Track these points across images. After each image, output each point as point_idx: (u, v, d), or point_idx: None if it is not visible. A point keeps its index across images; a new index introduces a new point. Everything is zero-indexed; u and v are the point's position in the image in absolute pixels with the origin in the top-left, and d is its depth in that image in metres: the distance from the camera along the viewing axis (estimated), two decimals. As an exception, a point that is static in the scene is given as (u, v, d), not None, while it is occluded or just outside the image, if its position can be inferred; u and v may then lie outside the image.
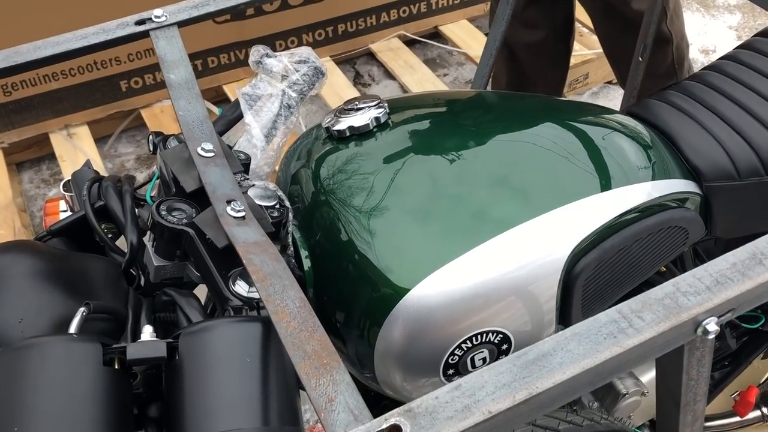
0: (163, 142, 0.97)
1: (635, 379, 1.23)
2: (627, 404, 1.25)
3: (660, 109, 1.20)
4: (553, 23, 2.07)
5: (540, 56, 2.12)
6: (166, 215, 0.83)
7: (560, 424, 1.02)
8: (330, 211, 0.95)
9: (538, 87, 2.19)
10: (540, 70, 2.17)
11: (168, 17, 1.02)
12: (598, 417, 1.06)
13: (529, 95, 1.22)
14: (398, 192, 0.94)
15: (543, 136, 1.02)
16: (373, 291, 0.89)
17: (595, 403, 1.25)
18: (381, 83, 2.91)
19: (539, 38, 2.07)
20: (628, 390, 1.22)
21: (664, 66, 2.06)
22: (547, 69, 2.18)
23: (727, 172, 1.12)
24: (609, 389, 1.23)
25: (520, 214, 0.92)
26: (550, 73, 2.21)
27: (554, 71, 2.21)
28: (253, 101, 1.11)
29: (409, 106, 1.09)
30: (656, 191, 1.03)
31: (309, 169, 1.02)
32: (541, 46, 2.09)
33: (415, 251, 0.90)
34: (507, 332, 0.91)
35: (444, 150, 0.98)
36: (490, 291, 0.88)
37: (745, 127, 1.15)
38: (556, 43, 2.13)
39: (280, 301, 0.69)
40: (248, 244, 0.75)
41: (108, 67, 2.40)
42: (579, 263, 0.95)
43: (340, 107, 1.04)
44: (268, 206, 0.88)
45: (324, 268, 0.95)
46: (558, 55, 2.16)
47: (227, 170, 0.86)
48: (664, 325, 0.64)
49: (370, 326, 0.91)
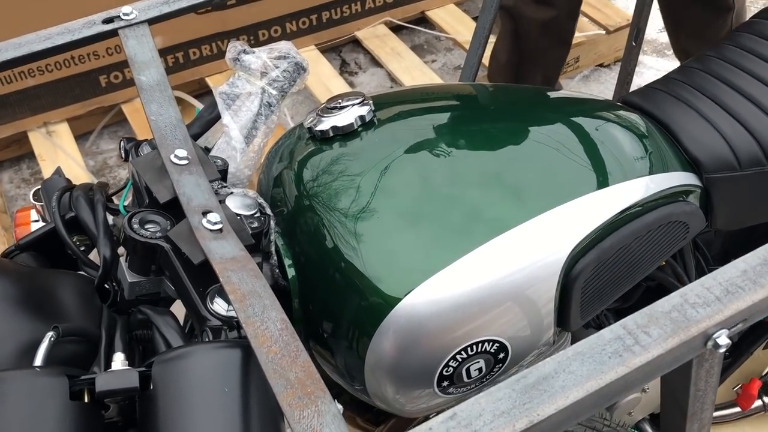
0: (135, 149, 0.91)
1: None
2: (627, 402, 1.21)
3: (657, 97, 1.15)
4: (566, 1, 2.02)
5: (547, 35, 2.07)
6: (139, 229, 0.78)
7: None
8: (314, 217, 0.90)
9: (538, 67, 2.14)
10: (544, 50, 2.12)
11: (138, 15, 0.96)
12: (600, 423, 1.02)
13: (520, 87, 1.17)
14: (386, 195, 0.89)
15: (536, 132, 0.97)
16: (362, 301, 0.85)
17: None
18: (368, 71, 2.85)
19: (550, 16, 2.02)
20: (628, 387, 1.18)
21: (722, 33, 2.01)
22: (551, 48, 2.13)
23: (728, 162, 1.07)
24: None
25: (515, 216, 0.87)
26: (554, 53, 2.16)
27: (558, 51, 2.16)
28: (231, 100, 1.06)
29: (394, 102, 1.04)
30: (655, 186, 0.98)
31: (291, 172, 0.97)
32: (551, 25, 2.04)
33: (406, 258, 0.85)
34: (503, 341, 0.86)
35: (433, 149, 0.93)
36: (485, 298, 0.84)
37: (745, 114, 1.11)
38: (566, 22, 2.07)
39: (261, 323, 0.64)
40: (225, 260, 0.71)
41: (86, 62, 2.33)
42: (577, 265, 0.90)
43: (322, 106, 0.99)
44: (248, 215, 0.83)
45: (309, 276, 0.90)
46: (565, 34, 2.11)
47: (203, 178, 0.81)
48: (672, 340, 0.59)
49: (360, 338, 0.86)
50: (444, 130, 0.96)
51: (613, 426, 1.09)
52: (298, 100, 2.71)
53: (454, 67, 2.87)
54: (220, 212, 0.77)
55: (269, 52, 1.07)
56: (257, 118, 1.05)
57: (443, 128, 0.96)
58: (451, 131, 0.96)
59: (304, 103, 2.70)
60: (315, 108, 1.00)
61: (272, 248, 0.89)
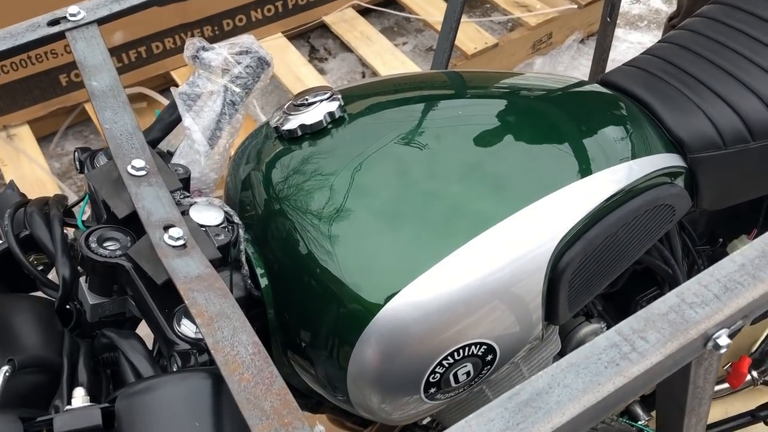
0: (90, 159, 0.85)
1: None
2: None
3: (635, 76, 1.11)
4: None
5: None
6: (97, 248, 0.73)
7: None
8: (286, 222, 0.85)
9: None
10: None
11: (86, 15, 0.89)
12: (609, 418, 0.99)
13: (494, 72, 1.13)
14: (361, 195, 0.85)
15: (514, 121, 0.93)
16: (341, 309, 0.80)
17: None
18: (338, 56, 2.79)
19: None
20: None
21: None
22: None
23: (712, 141, 1.04)
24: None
25: (498, 211, 0.83)
26: None
27: None
28: (192, 101, 1.00)
29: (364, 95, 0.99)
30: (639, 170, 0.95)
31: (260, 175, 0.92)
32: None
33: (385, 262, 0.81)
34: (491, 342, 0.82)
35: (407, 144, 0.88)
36: (470, 300, 0.80)
37: (727, 90, 1.07)
38: None
39: (231, 348, 0.59)
40: (190, 279, 0.66)
41: (44, 61, 2.24)
42: (564, 257, 0.87)
43: (289, 103, 0.93)
44: (214, 226, 0.78)
45: (284, 285, 0.85)
46: None
47: (163, 189, 0.76)
48: (671, 345, 0.56)
49: (341, 347, 0.82)
50: (418, 123, 0.91)
51: (606, 421, 1.06)
52: (268, 90, 2.64)
53: (425, 48, 2.82)
54: (182, 226, 0.72)
55: (230, 48, 1.01)
56: (221, 118, 1.00)
57: (417, 121, 0.91)
58: (425, 124, 0.91)
59: (274, 93, 2.63)
60: (281, 105, 0.95)
61: (243, 257, 0.85)
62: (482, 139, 0.90)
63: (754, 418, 1.52)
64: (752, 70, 1.07)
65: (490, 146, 0.89)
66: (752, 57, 1.08)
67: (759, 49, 1.09)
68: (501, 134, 0.91)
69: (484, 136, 0.90)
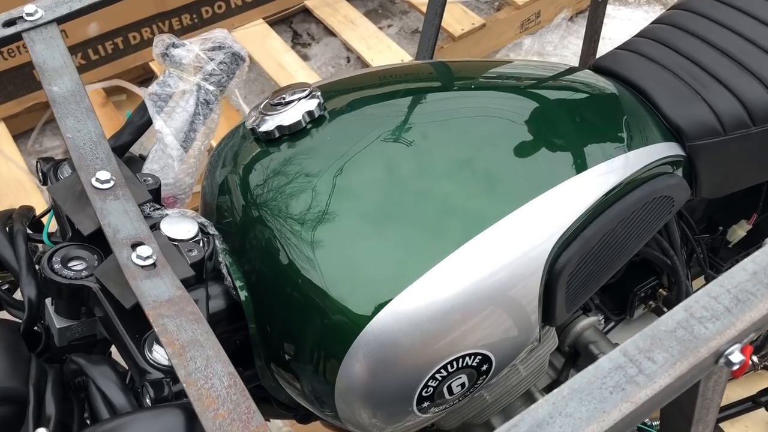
0: (54, 171, 0.80)
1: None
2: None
3: (630, 61, 1.06)
4: None
5: None
6: (61, 269, 0.68)
7: None
8: (264, 230, 0.80)
9: None
10: None
11: (44, 14, 0.84)
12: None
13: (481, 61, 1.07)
14: (344, 200, 0.80)
15: (503, 116, 0.88)
16: (327, 322, 0.76)
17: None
18: (321, 41, 2.72)
19: None
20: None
21: None
22: None
23: (712, 127, 0.99)
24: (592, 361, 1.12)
25: (490, 213, 0.78)
26: None
27: None
28: (164, 102, 0.94)
29: (345, 91, 0.94)
30: (636, 162, 0.90)
31: (236, 180, 0.87)
32: None
33: (372, 271, 0.76)
34: (486, 352, 0.78)
35: (392, 143, 0.83)
36: (463, 309, 0.75)
37: (726, 74, 1.02)
38: None
39: (204, 381, 0.55)
40: (160, 303, 0.61)
41: (16, 56, 2.16)
42: (560, 258, 0.82)
43: (265, 102, 0.88)
44: (188, 240, 0.73)
45: (265, 296, 0.81)
46: None
47: (131, 203, 0.71)
48: (680, 366, 0.51)
49: (327, 362, 0.77)
50: (403, 120, 0.86)
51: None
52: (251, 78, 2.57)
53: (411, 30, 2.75)
54: (152, 243, 0.67)
55: (202, 44, 0.96)
56: (195, 118, 0.94)
57: (402, 118, 0.86)
58: (411, 121, 0.86)
59: (257, 81, 2.56)
60: (257, 105, 0.89)
61: (224, 269, 0.80)
62: (471, 137, 0.85)
63: (755, 404, 1.50)
64: (753, 52, 1.03)
65: (479, 143, 0.84)
66: (753, 38, 1.03)
67: (760, 30, 1.04)
68: (490, 130, 0.86)
69: (473, 133, 0.85)
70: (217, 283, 0.81)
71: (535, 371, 0.99)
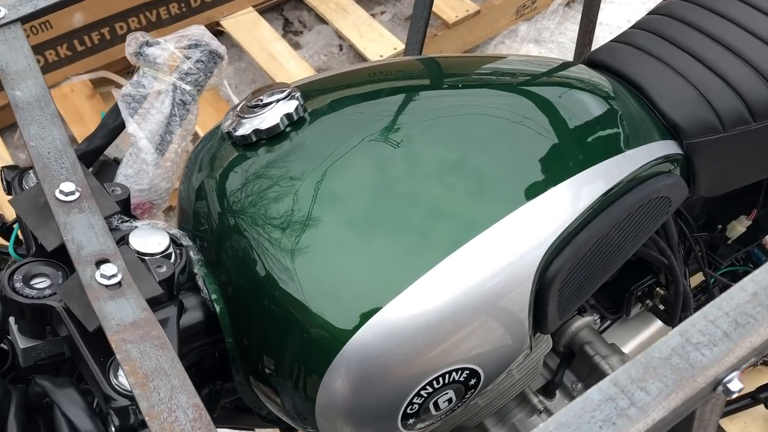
0: (19, 180, 0.76)
1: (620, 356, 1.10)
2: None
3: (626, 54, 1.02)
4: None
5: None
6: (22, 288, 0.64)
7: None
8: (241, 239, 0.77)
9: None
10: None
11: (7, 13, 0.79)
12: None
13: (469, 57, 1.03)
14: (325, 208, 0.76)
15: (493, 117, 0.84)
16: (307, 337, 0.72)
17: (578, 384, 1.12)
18: (314, 29, 2.66)
19: None
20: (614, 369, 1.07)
21: None
22: None
23: (710, 124, 0.95)
24: (593, 370, 1.09)
25: (478, 221, 0.74)
26: None
27: None
28: (138, 103, 0.90)
29: (327, 90, 0.89)
30: (632, 163, 0.86)
31: (212, 186, 0.83)
32: None
33: (355, 283, 0.73)
34: (474, 366, 0.75)
35: (376, 148, 0.79)
36: (450, 323, 0.72)
37: (725, 67, 0.98)
38: None
39: (168, 414, 0.51)
40: (123, 327, 0.57)
41: None
42: (552, 266, 0.79)
43: (242, 104, 0.84)
44: (158, 253, 0.69)
45: (242, 309, 0.77)
46: None
47: (97, 216, 0.67)
48: (675, 397, 0.48)
49: (308, 377, 0.74)
50: (387, 122, 0.82)
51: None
52: (241, 68, 2.53)
53: (404, 17, 2.69)
54: (117, 260, 0.63)
55: (178, 41, 0.91)
56: (170, 120, 0.90)
57: (386, 120, 0.82)
58: (396, 123, 0.82)
59: (248, 71, 2.52)
60: (234, 106, 0.85)
61: (200, 281, 0.76)
62: (458, 140, 0.81)
63: (754, 400, 1.47)
64: (754, 44, 0.98)
65: (467, 147, 0.80)
66: (754, 29, 0.99)
67: (762, 21, 1.00)
68: (479, 133, 0.82)
69: (460, 136, 0.81)
70: (193, 294, 0.78)
71: (529, 373, 0.96)
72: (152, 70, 0.91)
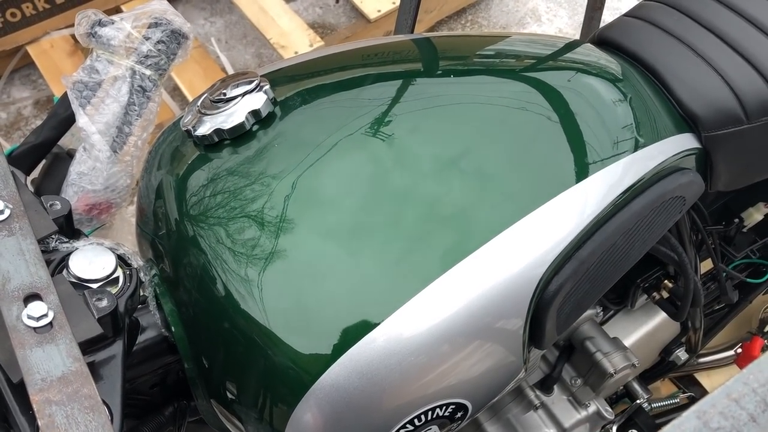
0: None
1: (623, 352, 1.02)
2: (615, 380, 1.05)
3: (640, 32, 0.91)
4: None
5: None
6: (-58, 325, 0.56)
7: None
8: (200, 255, 0.68)
9: None
10: None
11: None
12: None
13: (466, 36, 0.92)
14: (295, 224, 0.67)
15: (489, 114, 0.74)
16: (275, 368, 0.65)
17: (578, 380, 1.05)
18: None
19: None
20: (616, 368, 1.01)
21: None
22: None
23: (733, 114, 0.85)
24: (594, 367, 1.02)
25: (470, 239, 0.66)
26: None
27: None
28: (92, 91, 0.81)
29: (302, 78, 0.79)
30: (643, 164, 0.77)
31: (172, 187, 0.74)
32: None
33: (329, 310, 0.64)
34: (461, 401, 0.67)
35: (358, 149, 0.70)
36: (435, 355, 0.64)
37: (753, 48, 0.87)
38: None
39: (94, 499, 0.44)
40: (50, 384, 0.49)
41: (-26, 1, 1.99)
42: (551, 284, 0.70)
43: (203, 97, 0.74)
44: (101, 279, 0.61)
45: (203, 331, 0.69)
46: None
47: (29, 239, 0.58)
48: (690, 499, 0.40)
49: (276, 408, 0.67)
50: (370, 120, 0.72)
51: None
52: (232, 21, 2.39)
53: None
54: (50, 294, 0.55)
55: (135, 20, 0.81)
56: (129, 109, 0.81)
57: (369, 118, 0.72)
58: (381, 119, 0.72)
59: (238, 24, 2.38)
60: (194, 99, 0.75)
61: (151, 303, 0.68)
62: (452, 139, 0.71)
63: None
64: (786, 26, 0.87)
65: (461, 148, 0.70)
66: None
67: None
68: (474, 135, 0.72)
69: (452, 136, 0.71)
70: (146, 315, 0.70)
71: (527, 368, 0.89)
72: (107, 53, 0.81)
